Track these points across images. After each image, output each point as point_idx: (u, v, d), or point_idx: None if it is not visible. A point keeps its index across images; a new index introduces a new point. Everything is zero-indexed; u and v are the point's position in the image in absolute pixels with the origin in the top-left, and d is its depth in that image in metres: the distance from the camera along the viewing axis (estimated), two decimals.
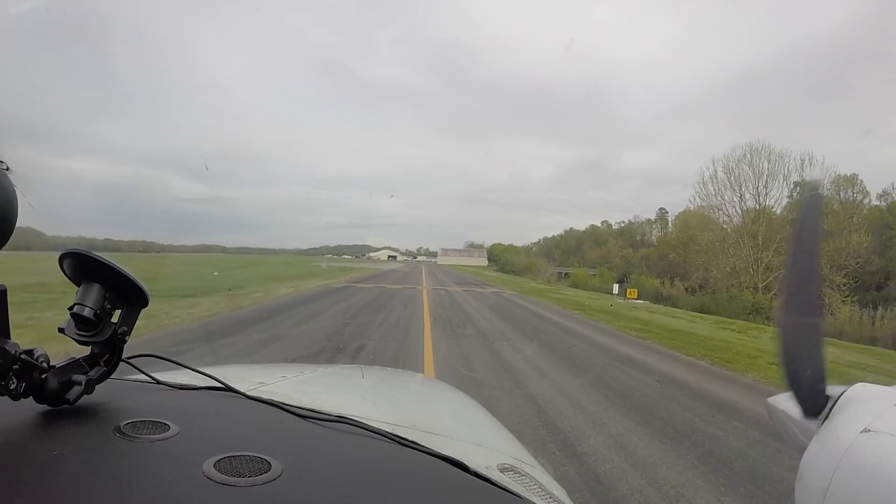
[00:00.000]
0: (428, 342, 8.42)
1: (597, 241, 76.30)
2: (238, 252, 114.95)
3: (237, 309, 11.94)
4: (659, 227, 69.11)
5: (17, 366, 0.52)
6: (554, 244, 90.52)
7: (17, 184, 0.50)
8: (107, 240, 18.46)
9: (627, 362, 7.76)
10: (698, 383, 6.55)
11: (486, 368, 6.70)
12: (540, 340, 9.43)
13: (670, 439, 4.23)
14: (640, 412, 5.01)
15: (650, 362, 7.92)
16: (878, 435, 0.57)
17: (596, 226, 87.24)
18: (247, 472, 0.50)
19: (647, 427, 4.53)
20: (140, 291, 0.63)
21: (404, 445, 0.71)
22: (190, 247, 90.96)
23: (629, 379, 6.57)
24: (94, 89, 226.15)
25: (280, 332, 8.77)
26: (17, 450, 0.50)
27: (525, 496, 0.72)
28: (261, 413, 0.74)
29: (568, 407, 5.06)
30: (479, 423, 1.25)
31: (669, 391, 6.01)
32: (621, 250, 64.99)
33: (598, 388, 5.95)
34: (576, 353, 8.29)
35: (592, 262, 66.50)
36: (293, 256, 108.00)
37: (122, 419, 0.58)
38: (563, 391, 5.68)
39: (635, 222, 74.78)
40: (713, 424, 4.71)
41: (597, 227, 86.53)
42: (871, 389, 0.66)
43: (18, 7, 3.61)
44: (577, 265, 65.55)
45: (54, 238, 1.78)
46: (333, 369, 1.50)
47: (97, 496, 0.43)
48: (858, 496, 0.54)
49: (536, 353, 8.12)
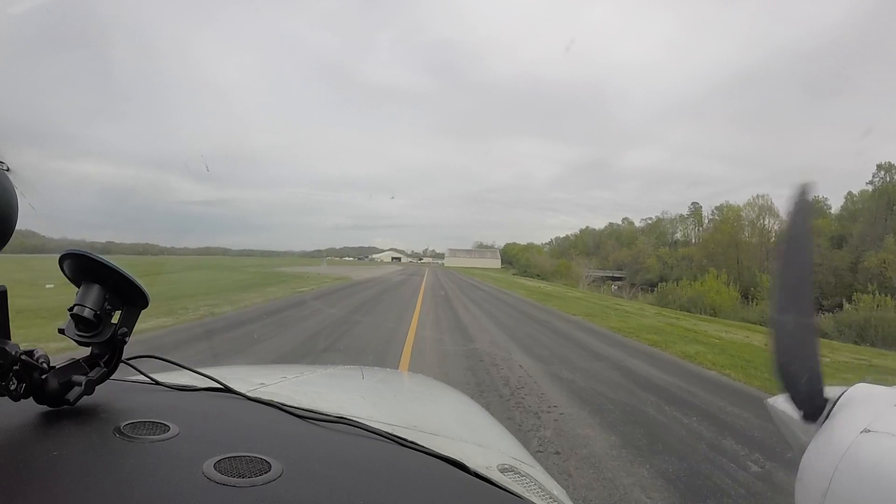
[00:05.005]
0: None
1: (620, 240, 70.17)
2: (242, 254, 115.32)
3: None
4: (694, 222, 63.17)
5: (18, 366, 0.52)
6: (569, 244, 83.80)
7: (17, 185, 0.50)
8: (108, 242, 18.38)
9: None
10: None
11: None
12: None
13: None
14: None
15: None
16: (878, 435, 0.57)
17: (616, 224, 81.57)
18: (247, 472, 0.50)
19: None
20: (140, 292, 0.63)
21: (404, 446, 0.71)
22: (192, 249, 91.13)
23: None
24: (95, 91, 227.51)
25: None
26: (17, 450, 0.50)
27: (525, 496, 0.72)
28: (261, 414, 0.75)
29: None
30: (479, 424, 1.25)
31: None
32: (655, 250, 58.76)
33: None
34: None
35: (619, 264, 61.38)
36: (296, 258, 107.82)
37: (122, 420, 0.58)
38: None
39: (664, 218, 68.87)
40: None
41: (616, 224, 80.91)
42: (871, 390, 0.66)
43: (18, 7, 3.63)
44: (598, 266, 58.36)
45: (56, 240, 1.78)
46: (333, 370, 1.50)
47: (97, 496, 0.43)
48: (858, 496, 0.54)
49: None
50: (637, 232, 71.59)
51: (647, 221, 72.77)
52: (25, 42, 58.55)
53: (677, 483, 3.28)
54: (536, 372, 6.49)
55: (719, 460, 3.73)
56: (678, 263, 50.30)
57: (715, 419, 4.79)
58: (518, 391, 5.50)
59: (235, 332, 8.76)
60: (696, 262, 45.41)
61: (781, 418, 0.75)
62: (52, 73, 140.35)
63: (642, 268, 55.53)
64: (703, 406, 5.29)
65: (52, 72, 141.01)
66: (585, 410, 4.87)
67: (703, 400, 5.55)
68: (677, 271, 46.18)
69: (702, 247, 49.66)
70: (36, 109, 75.59)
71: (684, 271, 44.20)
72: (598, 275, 52.26)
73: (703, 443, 4.11)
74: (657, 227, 69.07)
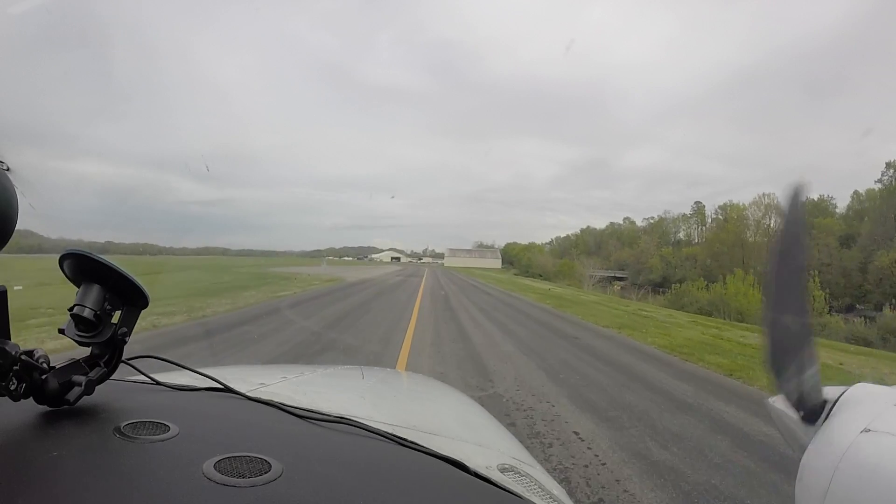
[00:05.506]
0: None
1: (621, 240, 69.58)
2: (242, 254, 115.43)
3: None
4: (697, 221, 62.57)
5: (18, 366, 0.52)
6: (570, 244, 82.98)
7: (17, 184, 0.50)
8: (108, 242, 18.21)
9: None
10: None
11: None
12: None
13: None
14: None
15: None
16: (878, 435, 0.57)
17: (617, 223, 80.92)
18: (247, 472, 0.50)
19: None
20: (140, 292, 0.63)
21: (404, 446, 0.71)
22: (192, 249, 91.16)
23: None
24: (95, 91, 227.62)
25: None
26: (17, 450, 0.50)
27: (525, 496, 0.72)
28: (261, 414, 0.74)
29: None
30: (479, 424, 1.25)
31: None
32: (658, 250, 57.78)
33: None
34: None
35: (621, 264, 60.45)
36: (295, 258, 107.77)
37: (122, 420, 0.58)
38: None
39: (667, 218, 68.29)
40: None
41: (618, 224, 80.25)
42: (871, 389, 0.66)
43: (18, 7, 3.62)
44: (600, 266, 56.28)
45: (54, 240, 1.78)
46: (333, 370, 1.50)
47: (97, 496, 0.43)
48: (859, 496, 0.54)
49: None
50: (639, 231, 70.96)
51: (648, 221, 72.26)
52: (25, 42, 58.57)
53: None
54: (607, 447, 3.90)
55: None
56: (682, 263, 49.68)
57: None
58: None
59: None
60: (700, 262, 44.76)
61: (781, 418, 0.75)
62: (52, 73, 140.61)
63: (645, 268, 54.85)
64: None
65: (52, 72, 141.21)
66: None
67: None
68: (681, 271, 45.52)
69: (706, 246, 48.99)
70: (36, 109, 75.61)
71: (688, 271, 43.52)
72: (601, 275, 50.31)
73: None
74: (659, 226, 68.40)
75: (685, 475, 3.43)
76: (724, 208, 51.96)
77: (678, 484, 3.28)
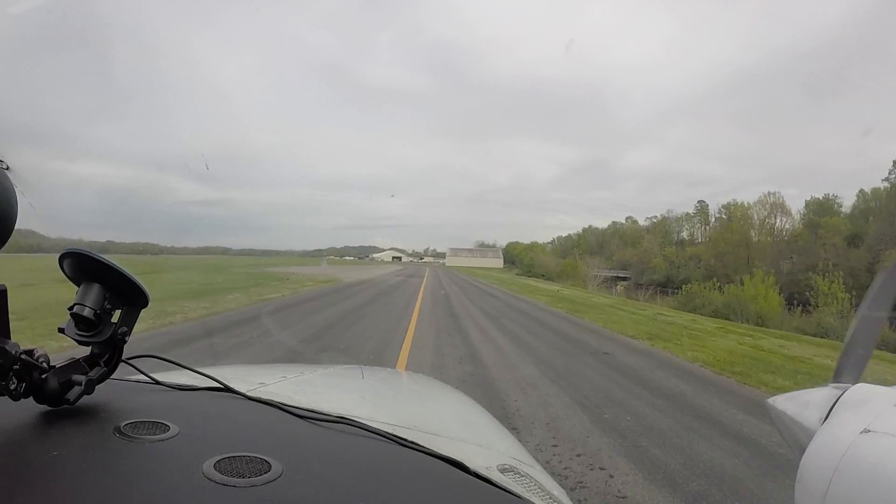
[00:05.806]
0: None
1: (624, 240, 69.16)
2: (243, 254, 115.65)
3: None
4: (700, 221, 62.16)
5: (18, 366, 0.52)
6: (572, 243, 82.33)
7: (17, 184, 0.50)
8: (108, 241, 18.12)
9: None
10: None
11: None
12: None
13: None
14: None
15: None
16: (878, 435, 0.57)
17: (619, 222, 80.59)
18: (247, 472, 0.50)
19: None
20: (140, 291, 0.63)
21: (404, 446, 0.70)
22: (192, 249, 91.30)
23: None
24: (95, 91, 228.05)
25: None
26: (17, 450, 0.50)
27: (525, 496, 0.72)
28: (261, 413, 0.74)
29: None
30: (479, 424, 1.25)
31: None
32: (661, 249, 57.17)
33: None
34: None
35: (623, 263, 59.98)
36: (295, 258, 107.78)
37: (122, 419, 0.58)
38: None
39: (670, 217, 67.98)
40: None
41: (620, 223, 79.89)
42: (871, 389, 0.66)
43: (18, 7, 3.63)
44: (602, 266, 54.35)
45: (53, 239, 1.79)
46: (333, 370, 1.50)
47: (97, 496, 0.43)
48: (858, 496, 0.54)
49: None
50: (641, 231, 70.69)
51: (651, 220, 71.96)
52: (25, 42, 58.74)
53: None
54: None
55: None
56: (685, 263, 49.15)
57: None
58: None
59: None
60: (705, 262, 44.14)
61: (781, 419, 0.75)
62: (52, 73, 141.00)
63: (648, 268, 54.42)
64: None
65: (52, 72, 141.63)
66: None
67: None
68: (685, 271, 44.93)
69: (710, 246, 48.31)
70: (36, 109, 75.89)
71: (692, 271, 42.78)
72: (605, 275, 47.95)
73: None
74: (662, 225, 68.08)
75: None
76: (728, 207, 51.90)
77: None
